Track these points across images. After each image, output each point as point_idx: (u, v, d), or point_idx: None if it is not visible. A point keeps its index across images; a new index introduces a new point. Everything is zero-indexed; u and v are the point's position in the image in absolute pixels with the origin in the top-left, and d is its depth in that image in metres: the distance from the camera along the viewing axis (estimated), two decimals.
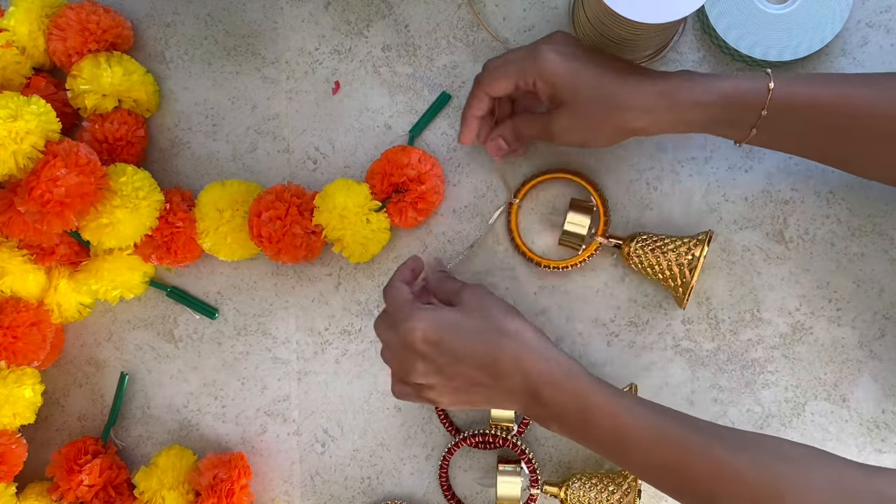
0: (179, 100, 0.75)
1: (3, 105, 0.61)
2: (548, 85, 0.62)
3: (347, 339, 0.74)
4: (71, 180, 0.63)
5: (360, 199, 0.69)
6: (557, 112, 0.63)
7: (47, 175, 0.62)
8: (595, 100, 0.61)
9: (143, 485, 0.71)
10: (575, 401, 0.58)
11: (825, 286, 0.71)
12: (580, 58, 0.62)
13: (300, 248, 0.68)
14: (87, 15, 0.70)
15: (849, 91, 0.59)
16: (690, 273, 0.66)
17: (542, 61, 0.62)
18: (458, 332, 0.59)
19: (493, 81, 0.65)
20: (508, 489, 0.70)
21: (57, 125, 0.64)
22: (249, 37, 0.75)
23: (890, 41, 0.70)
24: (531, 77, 0.63)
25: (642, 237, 0.68)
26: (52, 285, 0.72)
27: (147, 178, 0.68)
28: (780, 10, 0.68)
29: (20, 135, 0.61)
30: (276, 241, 0.68)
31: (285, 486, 0.75)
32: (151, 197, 0.68)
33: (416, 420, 0.74)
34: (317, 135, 0.74)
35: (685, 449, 0.56)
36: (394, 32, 0.74)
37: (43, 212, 0.63)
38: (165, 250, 0.70)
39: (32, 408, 0.71)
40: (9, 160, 0.62)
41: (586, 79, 0.61)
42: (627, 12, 0.58)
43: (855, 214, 0.71)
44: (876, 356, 0.71)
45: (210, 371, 0.76)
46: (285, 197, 0.69)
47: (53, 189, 0.62)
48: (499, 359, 0.58)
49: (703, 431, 0.57)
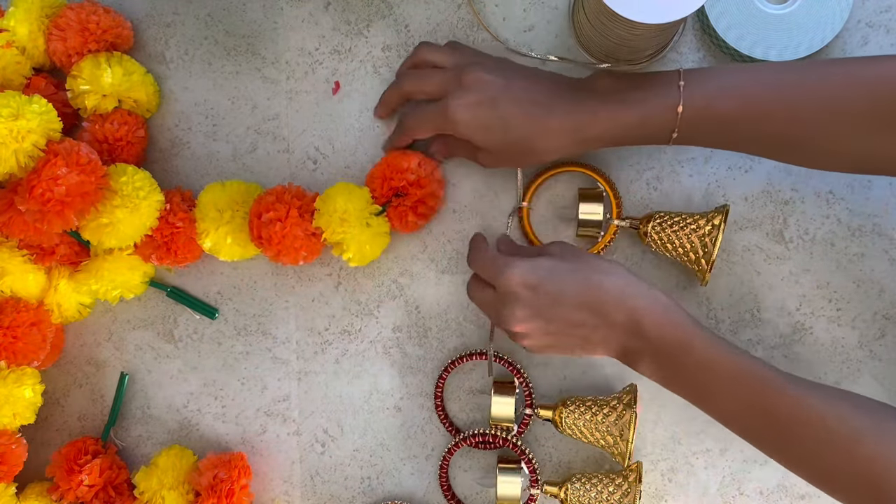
0: (179, 100, 0.75)
1: (5, 104, 0.61)
2: (462, 135, 0.66)
3: (347, 339, 0.74)
4: (72, 179, 0.63)
5: (361, 203, 0.69)
6: (479, 152, 0.67)
7: (48, 174, 0.62)
8: (508, 146, 0.65)
9: (143, 485, 0.71)
10: (674, 334, 0.59)
11: (825, 286, 0.71)
12: (487, 105, 0.65)
13: (300, 249, 0.68)
14: (88, 15, 0.70)
15: (753, 93, 0.60)
16: (711, 246, 0.66)
17: (451, 117, 0.65)
18: (557, 275, 0.60)
19: (415, 131, 0.69)
20: (508, 489, 0.70)
21: (58, 124, 0.64)
22: (249, 37, 0.75)
23: (890, 41, 0.70)
24: (446, 130, 0.67)
25: (659, 216, 0.68)
26: (53, 285, 0.72)
27: (147, 178, 0.68)
28: (780, 10, 0.68)
29: (21, 133, 0.61)
30: (276, 242, 0.68)
31: (285, 486, 0.75)
32: (151, 197, 0.68)
33: (416, 420, 0.74)
34: (317, 135, 0.74)
35: (775, 391, 0.58)
36: (394, 32, 0.74)
37: (43, 211, 0.63)
38: (165, 250, 0.70)
39: (32, 408, 0.71)
40: (10, 159, 0.61)
41: (495, 128, 0.64)
42: (627, 12, 0.58)
43: (855, 214, 0.71)
44: (876, 356, 0.71)
45: (210, 371, 0.76)
46: (286, 199, 0.69)
47: (54, 188, 0.62)
48: (600, 297, 0.60)
49: (789, 377, 0.59)
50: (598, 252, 0.71)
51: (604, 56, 0.70)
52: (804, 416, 0.57)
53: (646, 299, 0.60)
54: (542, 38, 0.73)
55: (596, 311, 0.60)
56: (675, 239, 0.67)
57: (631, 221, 0.70)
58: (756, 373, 0.59)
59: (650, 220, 0.69)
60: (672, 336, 0.59)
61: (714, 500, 0.72)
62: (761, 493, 0.72)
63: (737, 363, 0.59)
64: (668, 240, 0.68)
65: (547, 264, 0.61)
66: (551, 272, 0.60)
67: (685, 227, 0.67)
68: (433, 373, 0.74)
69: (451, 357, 0.73)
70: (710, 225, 0.66)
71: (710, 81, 0.62)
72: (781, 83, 0.60)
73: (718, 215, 0.67)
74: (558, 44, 0.72)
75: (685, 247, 0.67)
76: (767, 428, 0.59)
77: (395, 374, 0.74)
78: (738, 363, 0.59)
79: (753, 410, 0.59)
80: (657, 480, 0.73)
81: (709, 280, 0.68)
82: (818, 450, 0.57)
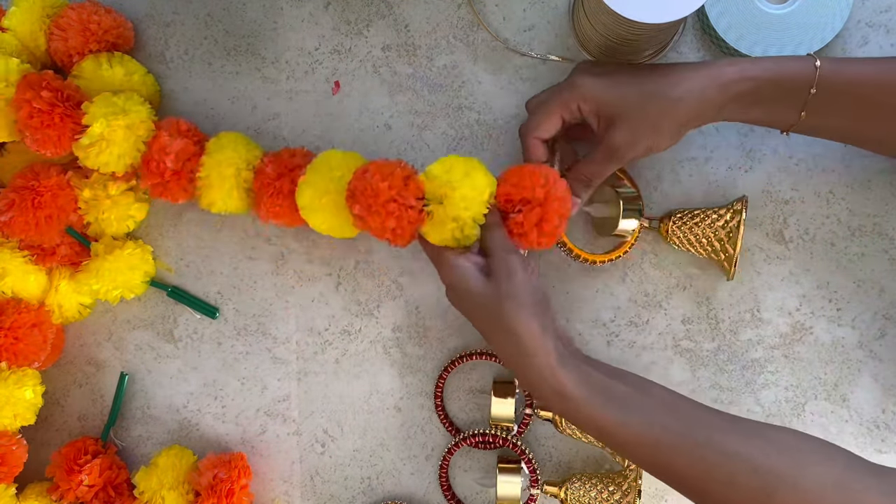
0: (179, 100, 0.75)
1: (111, 104, 0.66)
2: (593, 105, 0.61)
3: (347, 339, 0.74)
4: (177, 146, 0.67)
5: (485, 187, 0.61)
6: (612, 131, 0.61)
7: (157, 146, 0.67)
8: (644, 101, 0.60)
9: (143, 485, 0.71)
10: (564, 411, 0.59)
11: (825, 286, 0.71)
12: (613, 71, 0.62)
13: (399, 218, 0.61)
14: (89, 15, 0.70)
15: (891, 66, 0.59)
16: (734, 237, 0.66)
17: (578, 85, 0.62)
18: (473, 304, 0.60)
19: (539, 124, 0.63)
20: (508, 489, 0.70)
21: (150, 108, 0.69)
22: (249, 37, 0.75)
23: (890, 41, 0.70)
24: (574, 104, 0.62)
25: (678, 212, 0.69)
26: (53, 286, 0.72)
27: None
28: (780, 10, 0.68)
29: (135, 125, 0.67)
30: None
31: (285, 486, 0.75)
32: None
33: (416, 420, 0.74)
34: (317, 135, 0.74)
35: (674, 453, 0.55)
36: (394, 32, 0.74)
37: (163, 183, 0.68)
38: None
39: (33, 409, 0.71)
40: (131, 150, 0.67)
41: (628, 85, 0.61)
42: (627, 12, 0.58)
43: (855, 214, 0.71)
44: (876, 356, 0.71)
45: (210, 371, 0.76)
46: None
47: (164, 158, 0.67)
48: (499, 351, 0.61)
49: (691, 430, 0.56)
50: (623, 253, 0.69)
51: (604, 56, 0.70)
52: (705, 475, 0.54)
53: (535, 374, 0.58)
54: (542, 38, 0.73)
55: (500, 354, 0.62)
56: (698, 232, 0.67)
57: (651, 221, 0.70)
58: (646, 440, 0.56)
59: (670, 217, 0.69)
60: (560, 409, 0.59)
61: None
62: None
63: (625, 430, 0.56)
64: (692, 233, 0.68)
65: (472, 286, 0.59)
66: (470, 297, 0.60)
67: (706, 219, 0.67)
68: (433, 373, 0.74)
69: (451, 357, 0.73)
70: (731, 213, 0.67)
71: (843, 59, 0.61)
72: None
73: (739, 202, 0.67)
74: (558, 43, 0.73)
75: (709, 238, 0.67)
76: (678, 486, 0.56)
77: (395, 374, 0.74)
78: (626, 430, 0.56)
79: (658, 472, 0.57)
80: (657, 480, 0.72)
81: (734, 273, 0.67)
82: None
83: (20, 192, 0.69)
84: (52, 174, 0.70)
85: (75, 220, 0.72)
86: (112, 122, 0.66)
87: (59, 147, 0.67)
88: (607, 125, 0.62)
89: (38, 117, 0.65)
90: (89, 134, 0.66)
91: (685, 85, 0.60)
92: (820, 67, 0.59)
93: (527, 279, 0.59)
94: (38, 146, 0.67)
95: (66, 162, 0.71)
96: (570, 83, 0.62)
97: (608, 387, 0.58)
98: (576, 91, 0.62)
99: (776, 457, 0.53)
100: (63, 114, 0.66)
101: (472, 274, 0.60)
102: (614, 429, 0.57)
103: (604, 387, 0.58)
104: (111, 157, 0.67)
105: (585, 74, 0.62)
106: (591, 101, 0.61)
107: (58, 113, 0.66)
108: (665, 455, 0.56)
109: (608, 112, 0.61)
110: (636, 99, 0.60)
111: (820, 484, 0.52)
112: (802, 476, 0.52)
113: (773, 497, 0.52)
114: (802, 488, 0.52)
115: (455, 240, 0.61)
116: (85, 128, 0.66)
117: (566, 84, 0.63)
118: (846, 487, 0.51)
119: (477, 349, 0.73)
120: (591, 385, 0.58)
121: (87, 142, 0.66)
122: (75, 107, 0.67)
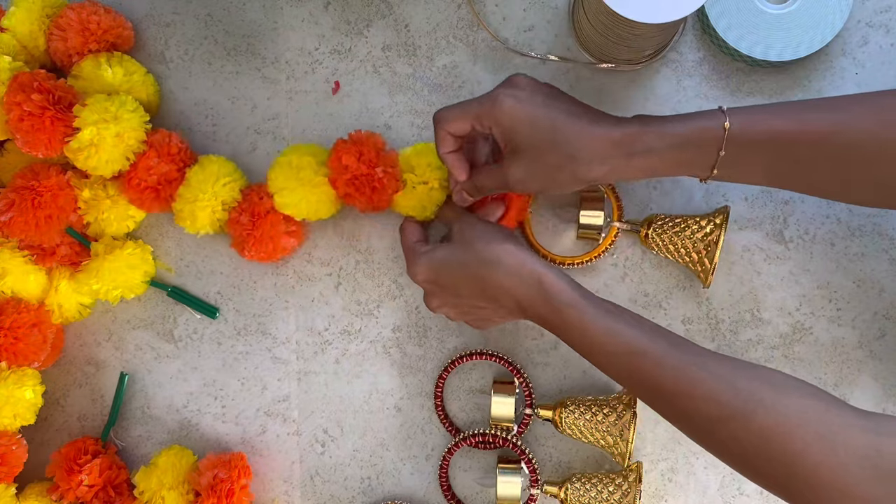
0: (179, 100, 0.75)
1: (103, 109, 0.66)
2: (504, 130, 0.61)
3: (347, 339, 0.74)
4: (162, 169, 0.69)
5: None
6: (513, 162, 0.62)
7: (144, 165, 0.69)
8: (550, 149, 0.60)
9: (143, 485, 0.71)
10: (551, 317, 0.61)
11: (825, 286, 0.71)
12: (537, 104, 0.61)
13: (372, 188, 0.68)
14: (88, 15, 0.70)
15: (807, 118, 0.58)
16: (713, 247, 0.66)
17: (498, 106, 0.61)
18: (450, 269, 0.64)
19: (451, 120, 0.63)
20: (508, 489, 0.70)
21: (146, 115, 0.69)
22: (249, 37, 0.75)
23: (890, 41, 0.70)
24: (487, 122, 0.62)
25: (659, 218, 0.69)
26: (53, 286, 0.72)
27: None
28: (780, 10, 0.68)
29: (125, 132, 0.67)
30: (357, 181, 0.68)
31: (285, 486, 0.75)
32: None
33: (416, 420, 0.74)
34: (317, 135, 0.74)
35: (658, 366, 0.57)
36: (394, 32, 0.74)
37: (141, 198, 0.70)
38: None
39: (33, 409, 0.71)
40: (120, 158, 0.68)
41: (542, 126, 0.60)
42: (627, 12, 0.58)
43: (855, 214, 0.71)
44: (876, 356, 0.71)
45: (210, 371, 0.76)
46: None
47: (147, 177, 0.69)
48: (487, 291, 0.63)
49: (678, 348, 0.58)
50: (599, 254, 0.71)
51: (604, 56, 0.70)
52: (688, 390, 0.56)
53: (523, 287, 0.61)
54: (542, 38, 0.73)
55: (489, 300, 0.63)
56: (676, 241, 0.68)
57: (631, 225, 0.70)
58: (634, 348, 0.58)
59: (651, 224, 0.69)
60: (551, 318, 0.61)
61: (714, 500, 0.72)
62: (761, 492, 0.72)
63: (613, 339, 0.59)
64: (671, 242, 0.68)
65: (441, 256, 0.64)
66: (445, 265, 0.64)
67: (686, 230, 0.67)
68: (433, 373, 0.74)
69: (451, 357, 0.73)
70: (712, 225, 0.67)
71: (756, 110, 0.60)
72: (836, 106, 0.58)
73: (720, 215, 0.67)
74: (558, 44, 0.73)
75: (687, 248, 0.67)
76: (658, 402, 0.58)
77: (395, 373, 0.74)
78: (615, 338, 0.59)
79: (641, 385, 0.59)
80: (657, 480, 0.73)
81: (711, 282, 0.68)
82: (709, 425, 0.55)
83: (20, 192, 0.69)
84: (52, 174, 0.70)
85: (75, 220, 0.72)
86: (102, 131, 0.66)
87: (49, 149, 0.67)
88: (510, 153, 0.62)
89: (29, 120, 0.65)
90: (78, 139, 0.66)
91: (593, 149, 0.60)
92: (728, 129, 0.58)
93: (488, 224, 0.66)
94: (28, 148, 0.67)
95: (66, 162, 0.71)
96: (493, 100, 0.61)
97: (600, 301, 0.61)
98: (494, 110, 0.61)
99: (759, 383, 0.54)
100: (54, 117, 0.66)
101: (441, 247, 0.65)
102: (605, 338, 0.59)
103: (596, 300, 0.61)
104: (99, 163, 0.67)
105: (509, 98, 0.61)
106: (505, 127, 0.61)
107: (48, 116, 0.65)
108: (650, 368, 0.58)
109: (515, 142, 0.61)
110: (544, 143, 0.60)
111: (802, 413, 0.52)
112: (784, 404, 0.53)
113: (752, 418, 0.53)
114: (784, 413, 0.52)
115: (423, 207, 0.69)
116: (76, 131, 0.66)
117: (489, 98, 0.62)
118: (828, 421, 0.52)
119: (477, 349, 0.73)
120: (584, 294, 0.61)
121: (76, 146, 0.66)
122: (67, 109, 0.67)
